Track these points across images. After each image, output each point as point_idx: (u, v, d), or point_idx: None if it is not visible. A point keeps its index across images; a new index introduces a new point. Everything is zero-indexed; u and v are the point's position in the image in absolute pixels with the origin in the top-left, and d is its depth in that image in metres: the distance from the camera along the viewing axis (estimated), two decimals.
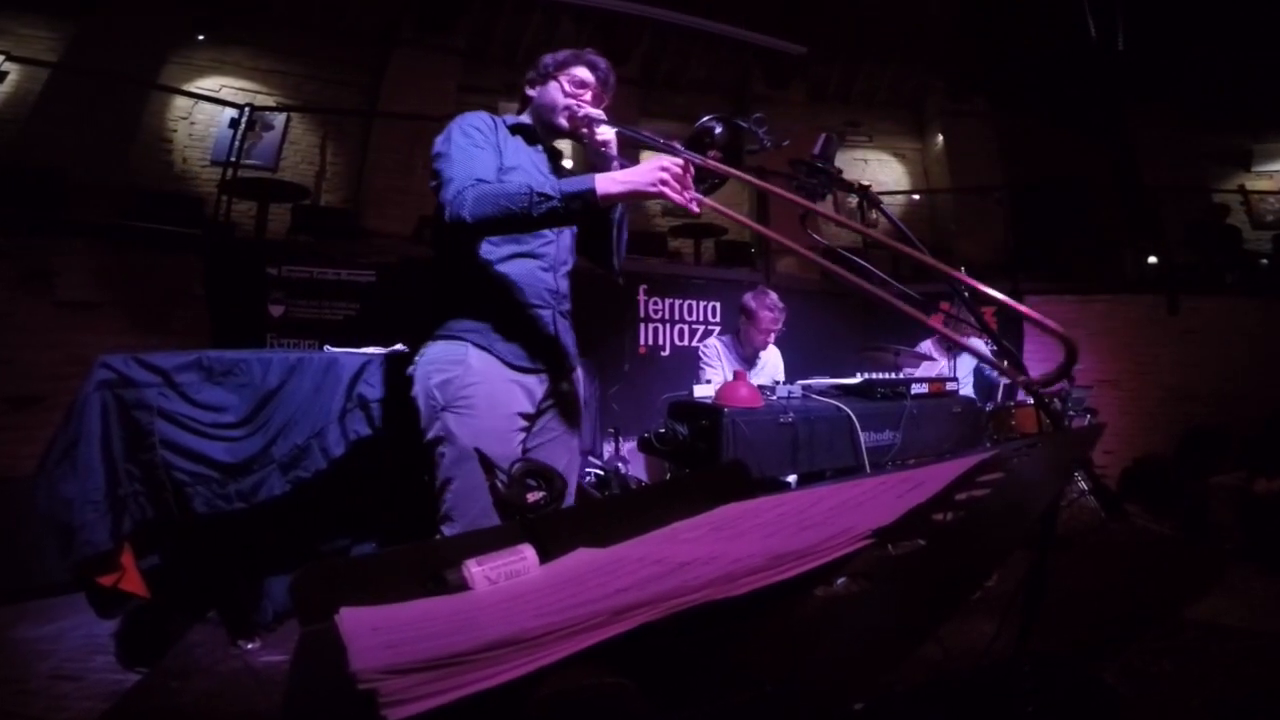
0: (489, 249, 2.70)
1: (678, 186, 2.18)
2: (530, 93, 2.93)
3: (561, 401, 2.91)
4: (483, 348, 2.64)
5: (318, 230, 9.23)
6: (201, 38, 10.40)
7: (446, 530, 2.59)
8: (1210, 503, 6.09)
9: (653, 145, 2.39)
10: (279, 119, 10.68)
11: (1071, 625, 3.88)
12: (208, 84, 10.40)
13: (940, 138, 13.70)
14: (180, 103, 10.20)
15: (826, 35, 12.42)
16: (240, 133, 8.49)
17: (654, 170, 2.20)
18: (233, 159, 8.44)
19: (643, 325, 8.11)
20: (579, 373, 3.02)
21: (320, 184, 11.09)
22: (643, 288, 8.14)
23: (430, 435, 2.64)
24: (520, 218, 2.39)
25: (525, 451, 2.78)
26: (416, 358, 2.74)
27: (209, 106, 9.98)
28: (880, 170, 13.94)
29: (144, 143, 9.84)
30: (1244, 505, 5.63)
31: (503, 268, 2.72)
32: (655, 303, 8.21)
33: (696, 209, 2.22)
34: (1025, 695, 1.96)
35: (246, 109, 8.59)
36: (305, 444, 3.52)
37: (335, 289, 7.05)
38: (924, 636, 0.63)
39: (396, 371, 3.69)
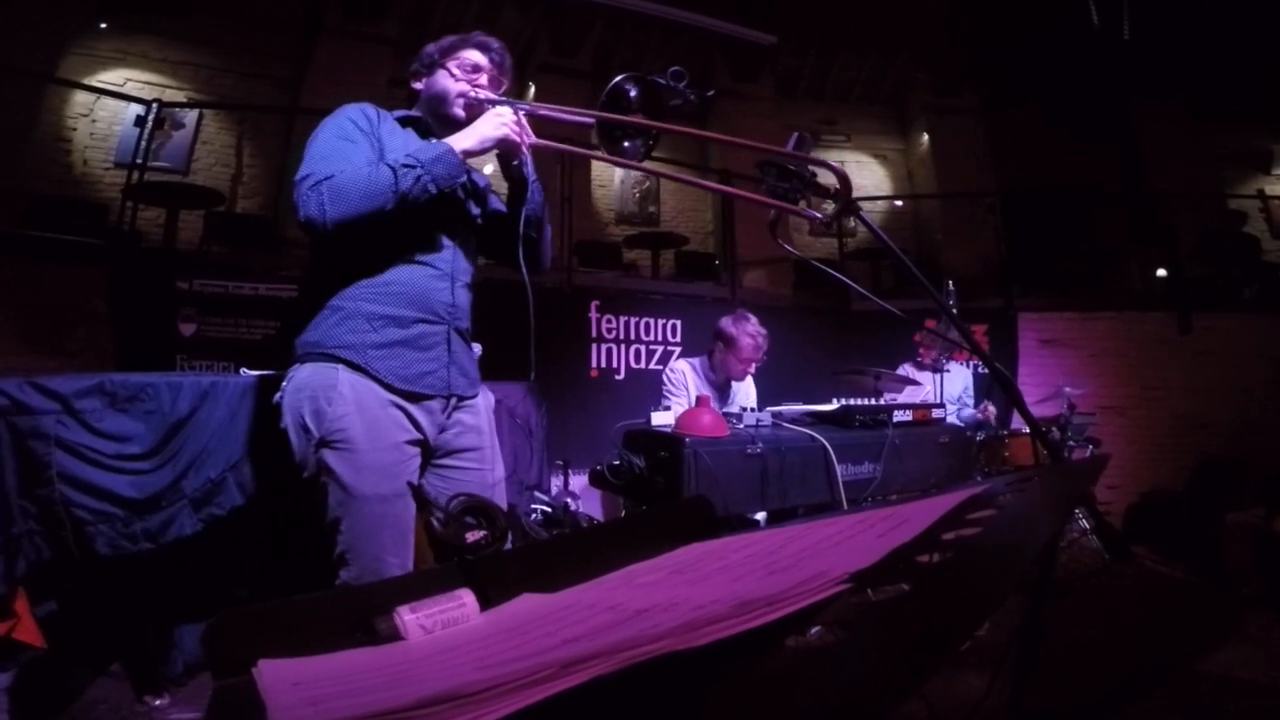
0: (370, 253, 2.63)
1: (518, 130, 2.63)
2: (416, 85, 2.94)
3: (464, 433, 2.84)
4: (357, 368, 2.55)
5: (233, 239, 9.25)
6: (104, 25, 10.33)
7: (344, 574, 2.54)
8: (1225, 543, 6.12)
9: (566, 120, 2.66)
10: (190, 116, 10.67)
11: (1072, 680, 3.88)
12: (111, 77, 10.34)
13: (925, 137, 13.88)
14: (80, 98, 10.12)
15: (798, 23, 12.53)
16: (147, 131, 8.41)
17: (493, 118, 2.62)
18: (139, 161, 8.38)
19: (595, 345, 8.05)
20: (482, 398, 2.94)
21: (236, 188, 11.06)
22: (595, 304, 8.10)
23: (308, 473, 2.58)
24: (387, 199, 2.42)
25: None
26: (284, 382, 2.67)
27: (112, 102, 9.92)
28: (859, 173, 14.06)
29: (39, 142, 9.77)
30: (1263, 546, 5.64)
31: (386, 275, 2.66)
32: (609, 320, 8.15)
33: (533, 140, 2.70)
34: None
35: (154, 105, 8.54)
36: (220, 478, 3.48)
37: (253, 305, 7.00)
38: (908, 692, 0.64)
39: None
